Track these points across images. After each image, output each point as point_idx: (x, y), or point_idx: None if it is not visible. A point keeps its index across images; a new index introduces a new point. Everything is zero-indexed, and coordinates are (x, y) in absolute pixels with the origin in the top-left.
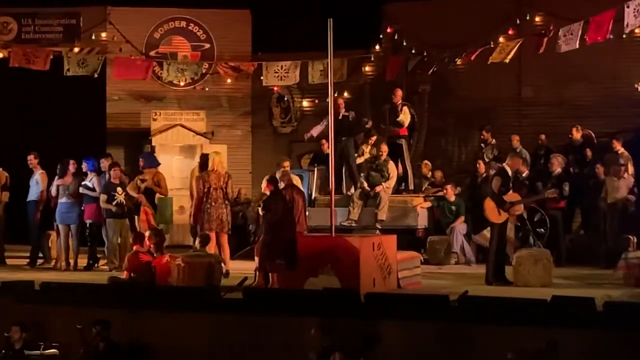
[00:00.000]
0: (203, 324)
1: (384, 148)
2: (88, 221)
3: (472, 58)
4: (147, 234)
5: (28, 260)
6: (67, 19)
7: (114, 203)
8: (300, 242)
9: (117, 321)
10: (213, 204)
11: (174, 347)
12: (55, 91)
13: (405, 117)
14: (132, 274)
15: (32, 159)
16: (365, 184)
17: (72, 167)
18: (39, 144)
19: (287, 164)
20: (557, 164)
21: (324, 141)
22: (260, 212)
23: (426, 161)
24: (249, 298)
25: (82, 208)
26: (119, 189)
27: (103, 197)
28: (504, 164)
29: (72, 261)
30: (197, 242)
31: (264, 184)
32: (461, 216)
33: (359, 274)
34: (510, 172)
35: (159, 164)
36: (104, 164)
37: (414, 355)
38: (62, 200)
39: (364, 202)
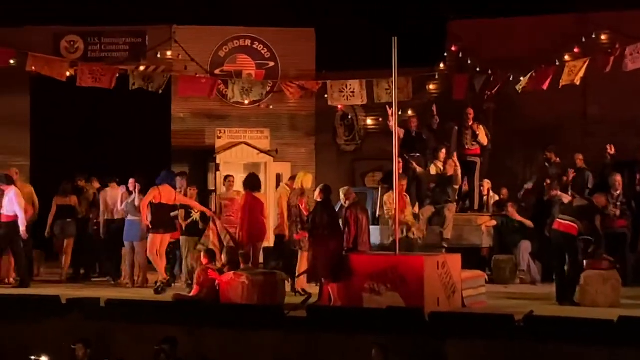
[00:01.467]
0: (267, 342)
1: (451, 164)
2: None
3: (545, 87)
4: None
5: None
6: (133, 38)
7: (189, 221)
8: (363, 260)
9: (182, 338)
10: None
11: None
12: (120, 110)
13: (483, 136)
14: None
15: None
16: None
17: (131, 186)
18: (104, 162)
19: None
20: (619, 183)
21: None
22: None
23: (487, 180)
24: (312, 316)
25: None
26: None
27: (181, 213)
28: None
29: (137, 278)
30: (241, 261)
31: (317, 192)
32: (525, 235)
33: (423, 293)
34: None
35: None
36: (179, 182)
37: None
38: (127, 217)
39: (430, 220)
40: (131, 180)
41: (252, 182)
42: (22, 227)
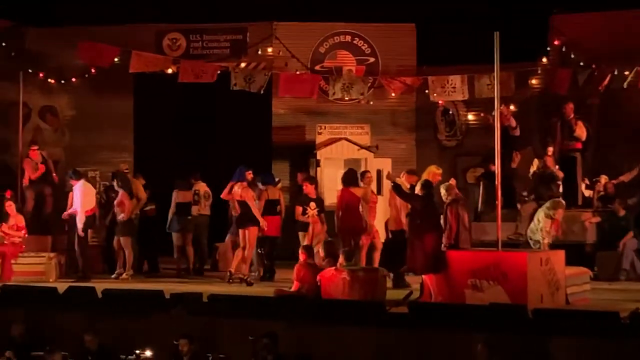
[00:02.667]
0: (368, 338)
1: (550, 162)
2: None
3: None
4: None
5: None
6: (234, 35)
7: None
8: (466, 256)
9: (284, 334)
10: None
11: None
12: (221, 106)
13: (581, 131)
14: (299, 285)
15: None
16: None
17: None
18: (205, 159)
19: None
20: None
21: None
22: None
23: (604, 176)
24: (414, 312)
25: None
26: (312, 204)
27: (298, 209)
28: None
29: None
30: (341, 258)
31: (417, 187)
32: (630, 232)
33: (527, 290)
34: None
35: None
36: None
37: None
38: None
39: (532, 216)
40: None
41: (348, 178)
42: (79, 224)
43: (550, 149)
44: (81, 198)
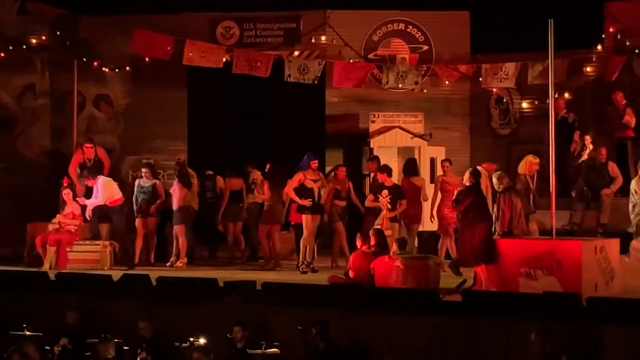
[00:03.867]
0: (422, 327)
1: (603, 150)
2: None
3: None
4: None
5: None
6: (287, 23)
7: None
8: (519, 244)
9: (337, 322)
10: None
11: (393, 349)
12: (274, 95)
13: (630, 118)
14: (355, 274)
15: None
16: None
17: None
18: (257, 148)
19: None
20: None
21: None
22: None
23: None
24: (468, 301)
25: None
26: (384, 192)
27: (370, 197)
28: None
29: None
30: (394, 246)
31: (466, 175)
32: None
33: (581, 278)
34: None
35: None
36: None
37: None
38: None
39: (586, 205)
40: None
41: (407, 168)
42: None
43: (588, 139)
44: (100, 193)
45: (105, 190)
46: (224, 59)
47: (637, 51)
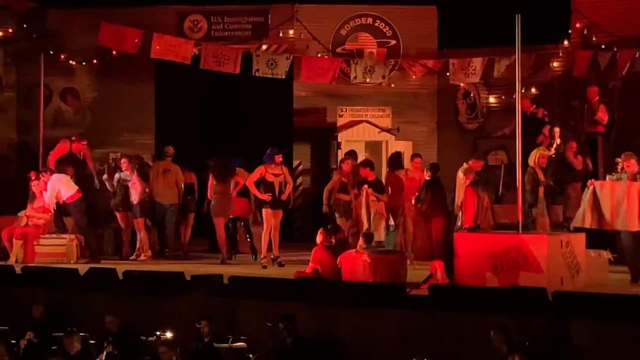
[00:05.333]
0: (390, 320)
1: (574, 144)
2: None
3: None
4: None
5: None
6: (255, 17)
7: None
8: (485, 239)
9: (304, 316)
10: None
11: (361, 343)
12: (242, 89)
13: (603, 115)
14: (317, 268)
15: None
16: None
17: None
18: (225, 141)
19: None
20: None
21: None
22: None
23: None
24: (435, 295)
25: None
26: (366, 186)
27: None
28: None
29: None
30: (361, 240)
31: (425, 170)
32: None
33: (547, 272)
34: None
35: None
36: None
37: (604, 356)
38: None
39: (553, 199)
40: None
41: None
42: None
43: (557, 131)
44: (48, 192)
45: (53, 190)
46: (193, 53)
47: (603, 47)
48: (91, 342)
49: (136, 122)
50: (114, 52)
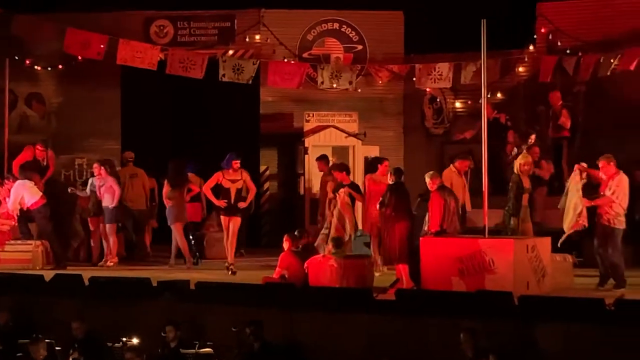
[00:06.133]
0: (357, 325)
1: (536, 149)
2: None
3: (632, 67)
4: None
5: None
6: (222, 22)
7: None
8: (452, 243)
9: (271, 321)
10: None
11: (328, 348)
12: (209, 94)
13: (566, 119)
14: (284, 274)
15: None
16: None
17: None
18: (192, 147)
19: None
20: None
21: None
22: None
23: (584, 163)
24: (401, 299)
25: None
26: (343, 189)
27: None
28: None
29: None
30: (330, 245)
31: (388, 174)
32: None
33: (513, 277)
34: None
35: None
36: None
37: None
38: None
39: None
40: None
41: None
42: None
43: (532, 137)
44: (11, 199)
45: (16, 196)
46: (159, 58)
47: (568, 51)
48: (57, 348)
49: (102, 128)
50: (80, 58)
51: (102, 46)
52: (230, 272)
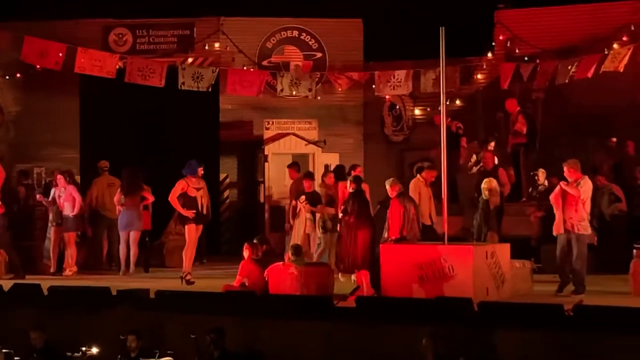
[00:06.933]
0: (317, 333)
1: (487, 155)
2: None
3: (590, 74)
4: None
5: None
6: (181, 30)
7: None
8: (412, 250)
9: (232, 329)
10: None
11: (288, 355)
12: (168, 102)
13: (522, 125)
14: (244, 281)
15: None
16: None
17: None
18: (152, 155)
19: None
20: None
21: None
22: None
23: (542, 170)
24: (362, 306)
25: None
26: (302, 197)
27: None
28: None
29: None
30: (289, 253)
31: (348, 182)
32: None
33: (472, 283)
34: None
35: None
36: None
37: None
38: None
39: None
40: None
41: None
42: None
43: (492, 145)
44: None
45: None
46: (117, 66)
47: (526, 59)
48: (16, 358)
49: (61, 137)
50: (38, 67)
51: (60, 55)
52: (185, 282)
